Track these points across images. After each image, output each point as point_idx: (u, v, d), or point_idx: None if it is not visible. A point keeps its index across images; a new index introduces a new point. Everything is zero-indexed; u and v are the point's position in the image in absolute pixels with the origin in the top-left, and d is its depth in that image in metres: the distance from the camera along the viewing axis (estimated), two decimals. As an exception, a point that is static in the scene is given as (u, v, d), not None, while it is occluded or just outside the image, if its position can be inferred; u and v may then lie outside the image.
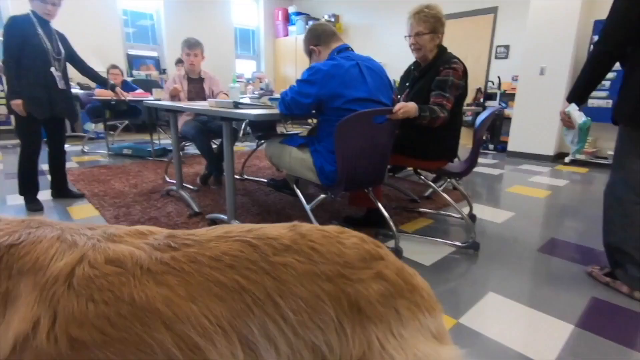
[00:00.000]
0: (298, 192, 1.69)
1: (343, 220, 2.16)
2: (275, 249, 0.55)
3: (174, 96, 2.92)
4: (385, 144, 1.61)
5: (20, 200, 2.47)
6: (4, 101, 5.39)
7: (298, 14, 7.87)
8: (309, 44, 1.70)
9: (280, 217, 2.30)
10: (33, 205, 2.38)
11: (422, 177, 2.03)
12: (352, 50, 1.63)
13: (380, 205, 1.85)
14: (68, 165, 3.67)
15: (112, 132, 5.05)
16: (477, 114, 4.96)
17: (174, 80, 3.01)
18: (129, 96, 3.99)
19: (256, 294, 0.51)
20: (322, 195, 1.61)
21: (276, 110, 1.64)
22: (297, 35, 7.82)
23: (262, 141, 3.03)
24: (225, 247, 0.55)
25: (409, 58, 2.04)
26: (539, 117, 4.50)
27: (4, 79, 5.31)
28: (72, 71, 2.57)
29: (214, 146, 2.96)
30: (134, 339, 0.47)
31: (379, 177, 1.69)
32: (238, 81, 8.13)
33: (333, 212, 2.38)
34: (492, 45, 5.37)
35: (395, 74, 3.31)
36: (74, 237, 0.55)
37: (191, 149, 4.41)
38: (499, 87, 5.10)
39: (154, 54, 6.97)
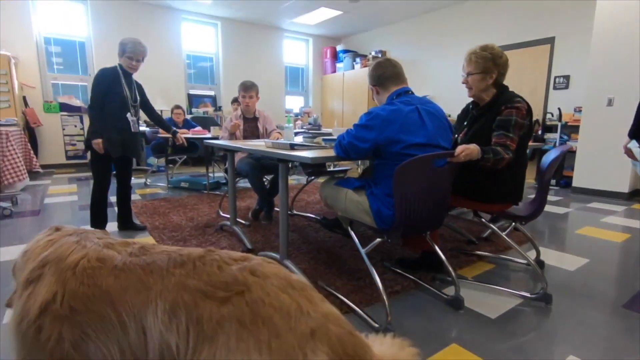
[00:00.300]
0: (353, 235, 1.65)
1: (396, 263, 2.08)
2: (176, 262, 0.71)
3: (233, 133, 3.09)
4: (445, 187, 1.54)
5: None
6: (81, 138, 6.06)
7: (345, 51, 8.14)
8: (369, 81, 1.74)
9: (331, 255, 2.26)
10: None
11: (483, 219, 1.91)
12: (412, 93, 1.62)
13: (437, 248, 1.76)
14: (132, 197, 3.98)
15: (171, 166, 5.41)
16: (535, 149, 4.67)
17: (230, 119, 3.19)
18: (189, 134, 4.29)
19: (151, 294, 0.67)
20: (378, 239, 1.56)
21: (332, 152, 1.65)
22: (344, 71, 8.07)
23: (312, 177, 3.07)
24: (156, 257, 0.73)
25: (455, 91, 2.00)
26: (609, 151, 4.13)
27: (85, 120, 6.00)
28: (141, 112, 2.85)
29: (265, 181, 3.05)
30: (99, 311, 0.67)
31: (438, 221, 1.62)
32: (287, 116, 8.48)
33: (385, 253, 2.30)
34: (550, 76, 5.13)
35: (442, 106, 3.25)
36: (86, 242, 0.79)
37: (242, 182, 4.59)
38: (559, 119, 4.80)
39: (212, 92, 7.50)
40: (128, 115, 2.56)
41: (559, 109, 4.83)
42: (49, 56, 5.87)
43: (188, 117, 5.84)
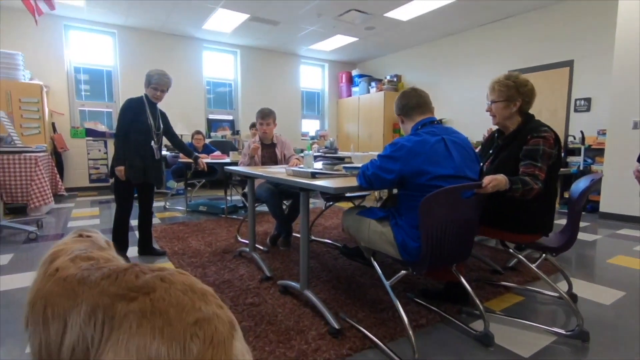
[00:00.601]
0: (377, 266, 1.61)
1: (420, 294, 2.01)
2: (104, 275, 0.87)
3: (253, 157, 3.12)
4: (472, 218, 1.50)
5: (112, 256, 2.70)
6: (104, 162, 6.24)
7: (361, 76, 8.27)
8: (395, 111, 1.74)
9: (352, 285, 2.21)
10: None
11: (510, 249, 1.84)
12: (437, 123, 1.61)
13: (462, 279, 1.69)
14: (152, 221, 4.03)
15: (190, 189, 5.49)
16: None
17: (249, 145, 3.23)
18: (209, 159, 4.37)
19: (78, 299, 0.83)
20: (403, 272, 1.51)
21: (354, 181, 1.64)
22: (359, 95, 8.16)
23: (331, 202, 3.05)
24: (94, 272, 0.89)
25: (471, 115, 1.98)
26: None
27: (108, 145, 6.20)
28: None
29: (283, 206, 3.04)
30: (38, 308, 0.87)
31: (465, 253, 1.57)
32: (303, 139, 8.55)
33: (408, 283, 2.23)
34: (570, 99, 5.05)
35: (458, 130, 3.22)
36: (71, 254, 1.01)
37: (260, 206, 4.59)
38: (582, 142, 4.69)
39: (230, 117, 7.68)
40: (152, 143, 2.63)
41: (582, 132, 4.72)
42: (78, 84, 6.17)
43: (207, 141, 5.97)
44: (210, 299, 0.81)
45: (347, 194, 3.06)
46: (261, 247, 2.92)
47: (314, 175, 1.80)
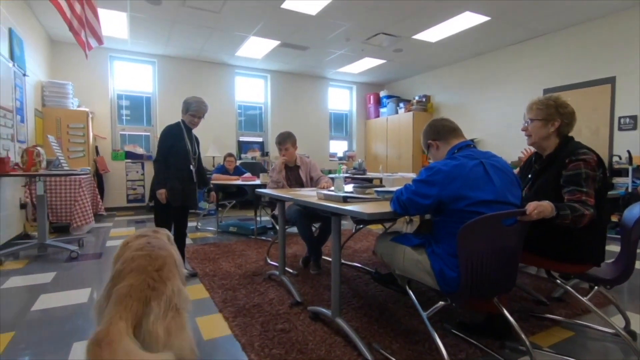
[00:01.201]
0: (412, 296, 1.54)
1: (458, 325, 1.90)
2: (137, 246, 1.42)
3: (278, 180, 3.16)
4: (515, 247, 1.42)
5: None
6: (141, 183, 6.52)
7: (389, 97, 8.28)
8: (427, 138, 1.70)
9: (384, 313, 2.12)
10: None
11: (558, 280, 1.71)
12: (474, 147, 1.56)
13: (505, 311, 1.59)
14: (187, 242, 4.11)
15: (220, 209, 5.60)
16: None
17: (273, 169, 3.26)
18: (239, 180, 4.46)
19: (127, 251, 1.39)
20: (441, 303, 1.44)
21: (387, 206, 1.60)
22: (387, 116, 8.15)
23: (361, 225, 3.00)
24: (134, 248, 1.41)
25: (504, 136, 1.89)
26: (695, 198, 3.66)
27: (146, 167, 6.49)
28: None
29: (313, 228, 3.01)
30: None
31: (508, 285, 1.47)
32: (331, 160, 8.57)
33: (445, 313, 2.12)
34: (613, 117, 4.80)
35: (490, 150, 3.10)
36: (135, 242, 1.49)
37: (288, 228, 4.60)
38: (629, 162, 4.40)
39: (259, 139, 7.87)
40: (191, 166, 2.73)
41: (629, 151, 4.44)
42: (120, 109, 6.57)
43: (238, 163, 6.11)
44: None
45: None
46: (291, 271, 2.89)
47: (345, 199, 1.78)
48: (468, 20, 4.99)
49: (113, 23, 5.13)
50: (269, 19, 4.99)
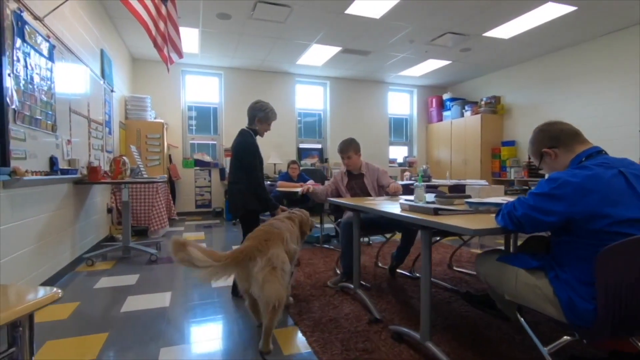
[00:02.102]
0: (527, 327, 1.33)
1: None
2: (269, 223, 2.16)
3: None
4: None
5: (220, 281, 2.82)
6: (208, 189, 6.82)
7: (453, 99, 7.86)
8: (540, 145, 1.45)
9: (477, 338, 1.91)
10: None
11: None
12: (605, 153, 1.32)
13: None
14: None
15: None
16: None
17: (334, 177, 3.14)
18: (300, 187, 4.44)
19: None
20: (567, 338, 1.22)
21: (491, 221, 1.42)
22: (452, 119, 7.73)
23: (438, 238, 2.79)
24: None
25: (591, 134, 1.56)
26: None
27: (212, 174, 6.78)
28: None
29: (375, 239, 2.84)
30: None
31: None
32: (391, 166, 8.32)
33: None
34: None
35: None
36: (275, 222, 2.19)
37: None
38: None
39: (319, 146, 7.88)
40: (264, 175, 2.73)
41: None
42: (189, 120, 6.97)
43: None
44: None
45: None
46: (363, 283, 2.77)
47: (436, 211, 1.62)
48: (550, 11, 4.54)
49: (186, 39, 5.46)
50: (331, 25, 4.96)
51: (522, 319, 1.36)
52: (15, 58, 2.19)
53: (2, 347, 0.69)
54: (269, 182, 5.44)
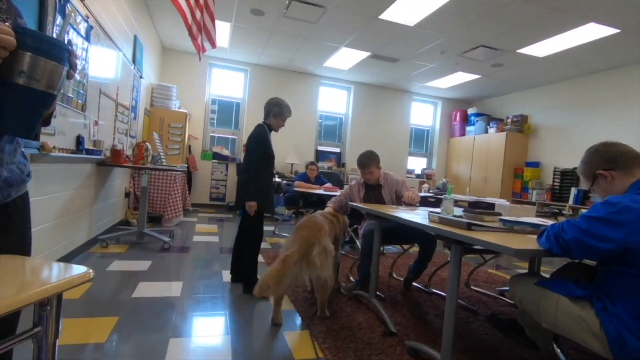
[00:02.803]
0: (563, 357, 1.24)
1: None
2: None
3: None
4: None
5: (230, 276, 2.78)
6: (224, 183, 6.83)
7: (478, 114, 7.71)
8: (595, 166, 1.36)
9: (495, 363, 1.81)
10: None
11: None
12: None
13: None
14: (262, 245, 4.14)
15: (294, 216, 5.61)
16: None
17: (350, 188, 3.03)
18: (321, 190, 4.39)
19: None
20: (609, 375, 1.13)
21: (530, 241, 1.34)
22: (475, 135, 7.58)
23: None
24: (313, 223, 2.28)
25: None
26: None
27: (230, 168, 6.81)
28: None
29: (389, 249, 2.74)
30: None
31: None
32: (408, 176, 8.19)
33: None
34: None
35: None
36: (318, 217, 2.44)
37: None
38: None
39: (337, 149, 7.83)
40: (274, 172, 2.68)
41: None
42: (212, 113, 7.01)
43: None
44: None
45: (476, 246, 2.67)
46: (378, 294, 2.68)
47: (470, 226, 1.54)
48: (591, 32, 4.39)
49: (217, 33, 5.49)
50: (363, 29, 4.92)
51: (558, 350, 1.27)
52: (55, 34, 2.20)
53: (27, 325, 0.65)
54: (285, 182, 5.41)
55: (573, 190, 5.81)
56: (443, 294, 2.82)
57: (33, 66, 0.71)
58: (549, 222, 1.64)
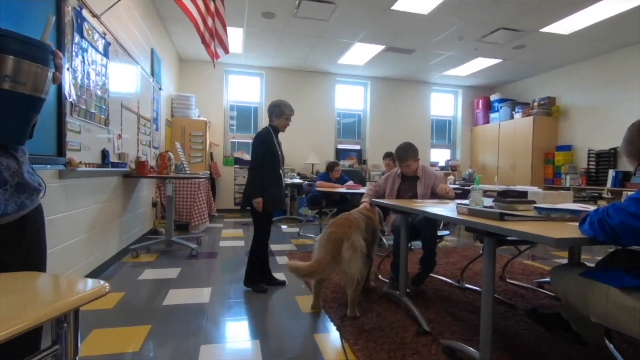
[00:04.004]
0: (616, 353, 1.14)
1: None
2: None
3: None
4: None
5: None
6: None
7: (501, 100, 7.43)
8: (636, 147, 1.26)
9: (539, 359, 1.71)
10: (259, 287, 2.65)
11: None
12: None
13: None
14: (287, 247, 4.14)
15: (317, 217, 5.58)
16: None
17: (384, 179, 2.99)
18: (343, 188, 4.34)
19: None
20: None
21: (571, 230, 1.24)
22: (500, 121, 7.30)
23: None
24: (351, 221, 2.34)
25: None
26: None
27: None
28: (291, 162, 2.93)
29: (418, 244, 2.63)
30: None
31: None
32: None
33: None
34: None
35: None
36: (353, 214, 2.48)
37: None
38: None
39: (357, 147, 7.75)
40: (281, 171, 2.70)
41: None
42: (231, 119, 7.10)
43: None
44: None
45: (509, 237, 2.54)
46: (408, 291, 2.60)
47: (502, 217, 1.46)
48: (619, 3, 4.12)
49: (230, 39, 5.54)
50: (376, 22, 4.83)
51: (611, 345, 1.17)
52: (73, 53, 2.27)
53: (47, 342, 0.64)
54: (307, 182, 5.39)
55: (611, 172, 5.49)
56: (477, 288, 2.70)
57: (17, 70, 0.69)
58: (590, 207, 1.52)
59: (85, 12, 2.44)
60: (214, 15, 2.91)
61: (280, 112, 2.73)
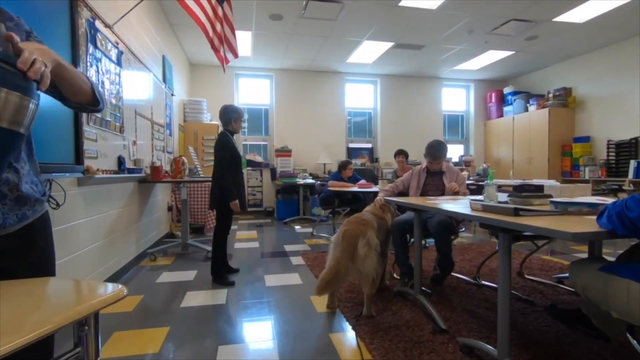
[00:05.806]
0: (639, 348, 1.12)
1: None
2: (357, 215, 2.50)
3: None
4: None
5: (273, 280, 2.81)
6: (260, 189, 6.92)
7: (515, 93, 7.29)
8: None
9: (561, 357, 1.67)
10: (227, 280, 2.84)
11: None
12: None
13: None
14: (301, 247, 4.16)
15: (331, 216, 5.58)
16: None
17: (411, 173, 3.00)
18: (356, 187, 4.33)
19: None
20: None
21: (589, 224, 1.21)
22: (514, 115, 7.17)
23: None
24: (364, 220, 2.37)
25: None
26: None
27: (264, 174, 6.92)
28: (302, 162, 2.93)
29: (431, 242, 2.61)
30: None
31: None
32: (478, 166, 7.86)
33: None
34: None
35: None
36: (364, 214, 2.52)
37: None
38: None
39: (369, 145, 7.71)
40: (244, 171, 2.83)
41: None
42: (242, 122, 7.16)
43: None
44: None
45: (526, 233, 2.49)
46: (424, 289, 2.59)
47: (517, 212, 1.43)
48: (637, -12, 3.99)
49: (239, 42, 5.60)
50: (384, 19, 4.80)
51: (634, 341, 1.14)
52: (88, 63, 2.33)
53: (69, 344, 0.67)
54: (319, 182, 5.40)
55: (632, 163, 5.32)
56: (494, 285, 2.66)
57: None
58: (608, 200, 1.49)
59: (98, 23, 2.51)
60: (222, 20, 2.95)
61: (236, 117, 2.92)
